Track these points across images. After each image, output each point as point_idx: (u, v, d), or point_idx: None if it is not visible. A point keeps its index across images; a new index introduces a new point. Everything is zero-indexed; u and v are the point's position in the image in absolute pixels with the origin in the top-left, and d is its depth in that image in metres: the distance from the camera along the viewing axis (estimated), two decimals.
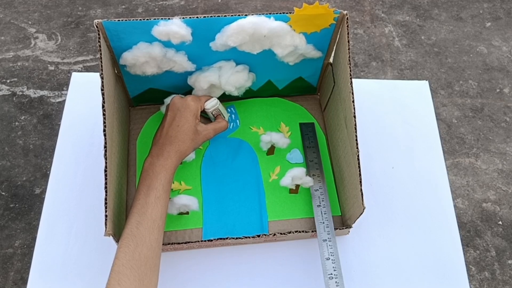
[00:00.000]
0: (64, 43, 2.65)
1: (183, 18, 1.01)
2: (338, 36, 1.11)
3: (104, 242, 1.06)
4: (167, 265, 1.10)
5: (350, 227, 1.11)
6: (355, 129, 1.02)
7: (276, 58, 1.15)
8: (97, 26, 0.99)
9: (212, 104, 1.16)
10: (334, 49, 1.16)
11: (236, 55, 1.13)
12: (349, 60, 1.03)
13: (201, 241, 1.08)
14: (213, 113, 1.17)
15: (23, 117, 2.40)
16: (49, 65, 2.57)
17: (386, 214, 1.20)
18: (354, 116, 1.02)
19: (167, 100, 1.21)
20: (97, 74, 0.96)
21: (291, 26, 1.06)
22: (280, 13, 1.03)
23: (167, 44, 1.06)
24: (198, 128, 1.11)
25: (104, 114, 0.96)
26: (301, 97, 1.34)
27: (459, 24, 2.83)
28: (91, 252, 1.11)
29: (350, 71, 1.03)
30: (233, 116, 1.29)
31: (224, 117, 1.20)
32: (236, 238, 1.07)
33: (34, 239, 1.49)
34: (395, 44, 2.72)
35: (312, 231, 1.09)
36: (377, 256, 1.15)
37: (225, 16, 1.02)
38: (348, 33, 1.03)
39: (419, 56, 2.69)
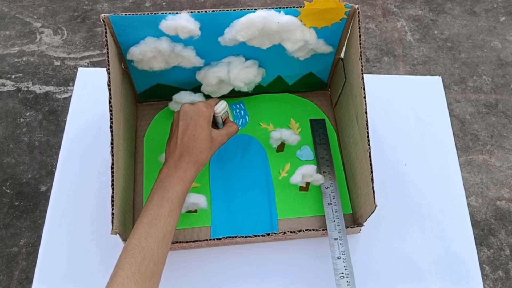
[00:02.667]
0: (70, 38, 2.65)
1: (192, 12, 1.00)
2: (349, 30, 1.09)
3: (110, 241, 1.05)
4: (175, 263, 1.10)
5: (362, 225, 1.10)
6: (367, 125, 1.01)
7: (286, 53, 1.13)
8: (103, 21, 0.98)
9: (222, 108, 1.12)
10: (345, 44, 1.15)
11: (245, 50, 1.12)
12: (361, 55, 1.02)
13: (210, 239, 1.07)
14: (222, 117, 1.13)
15: (28, 113, 2.40)
16: (54, 60, 2.57)
17: (398, 212, 1.19)
18: (366, 113, 1.01)
19: (176, 97, 1.20)
20: (104, 70, 0.95)
21: (301, 21, 1.04)
22: (290, 7, 1.02)
23: (175, 39, 1.05)
24: (213, 134, 1.06)
25: (110, 110, 0.95)
26: (312, 93, 1.33)
27: (473, 18, 2.81)
28: (97, 250, 1.11)
29: (362, 66, 1.02)
30: (242, 112, 1.28)
31: (232, 119, 1.17)
32: (246, 237, 1.05)
33: (39, 237, 1.48)
34: (408, 39, 2.71)
35: (323, 230, 1.08)
36: (389, 255, 1.14)
37: (234, 10, 1.01)
38: (359, 28, 1.02)
39: (432, 51, 2.68)
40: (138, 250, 0.87)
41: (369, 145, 1.00)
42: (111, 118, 0.95)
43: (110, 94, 0.95)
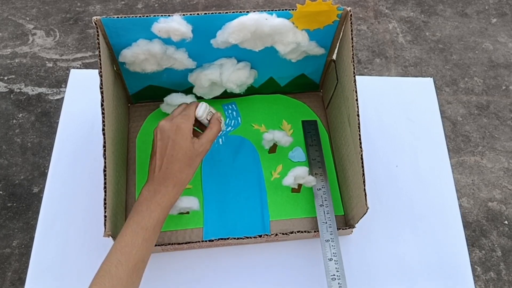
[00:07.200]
0: (62, 39, 2.64)
1: (184, 15, 1.00)
2: (341, 33, 1.09)
3: (102, 242, 1.05)
4: (167, 265, 1.10)
5: (353, 227, 1.10)
6: (359, 128, 1.01)
7: (278, 55, 1.13)
8: (95, 23, 0.98)
9: (203, 110, 1.07)
10: (337, 46, 1.15)
11: (237, 52, 1.12)
12: (353, 58, 1.02)
13: (202, 241, 1.07)
14: (208, 117, 1.09)
15: (20, 114, 2.39)
16: (47, 62, 2.56)
17: (390, 213, 1.19)
18: (358, 115, 1.00)
19: (167, 99, 1.20)
20: (96, 71, 0.95)
21: (293, 23, 1.04)
22: (283, 10, 1.02)
23: (167, 41, 1.05)
24: (195, 146, 1.02)
25: (103, 113, 0.95)
26: (304, 94, 1.33)
27: (464, 20, 2.82)
28: (89, 252, 1.10)
29: (354, 68, 1.02)
30: (234, 113, 1.28)
31: (224, 119, 1.13)
32: (238, 238, 1.06)
33: (32, 238, 1.48)
34: (399, 41, 2.72)
35: (315, 231, 1.08)
36: (381, 257, 1.14)
37: (227, 13, 1.01)
38: (351, 30, 1.02)
39: (424, 52, 2.68)
40: (107, 278, 0.86)
41: (361, 147, 1.00)
42: (103, 121, 0.95)
43: (102, 97, 0.95)
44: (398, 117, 1.32)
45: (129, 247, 0.90)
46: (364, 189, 0.99)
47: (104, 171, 0.95)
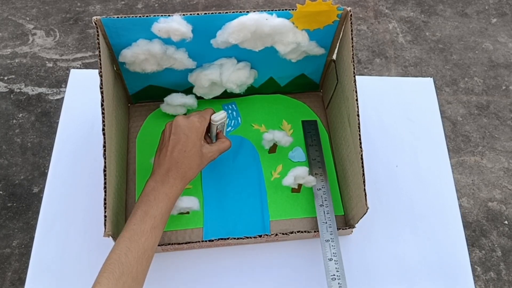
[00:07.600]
0: (62, 39, 2.64)
1: (184, 15, 1.00)
2: (341, 33, 1.09)
3: (103, 243, 1.05)
4: (167, 265, 1.10)
5: (353, 227, 1.10)
6: (359, 128, 1.00)
7: (278, 55, 1.13)
8: (95, 23, 0.97)
9: (220, 117, 1.09)
10: (337, 46, 1.14)
11: (237, 52, 1.12)
12: (353, 58, 1.02)
13: (202, 241, 1.07)
14: (218, 127, 1.11)
15: (20, 114, 2.39)
16: (47, 62, 2.56)
17: (390, 213, 1.19)
18: (358, 115, 1.00)
19: (167, 99, 1.20)
20: (96, 71, 0.95)
21: (293, 23, 1.04)
22: (283, 10, 1.02)
23: (167, 41, 1.05)
24: (203, 150, 1.04)
25: (103, 113, 0.95)
26: (304, 94, 1.33)
27: (464, 20, 2.82)
28: (89, 252, 1.10)
29: (354, 68, 1.02)
30: (234, 113, 1.28)
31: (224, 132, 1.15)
32: (238, 238, 1.05)
33: (32, 238, 1.48)
34: (399, 41, 2.71)
35: (315, 231, 1.08)
36: (381, 257, 1.14)
37: (227, 13, 1.01)
38: (351, 30, 1.02)
39: (424, 52, 2.68)
40: (117, 265, 0.87)
41: (361, 147, 1.00)
42: (103, 121, 0.95)
43: (102, 97, 0.95)
44: (398, 117, 1.32)
45: (137, 235, 0.91)
46: (364, 189, 0.99)
47: (104, 171, 0.95)
